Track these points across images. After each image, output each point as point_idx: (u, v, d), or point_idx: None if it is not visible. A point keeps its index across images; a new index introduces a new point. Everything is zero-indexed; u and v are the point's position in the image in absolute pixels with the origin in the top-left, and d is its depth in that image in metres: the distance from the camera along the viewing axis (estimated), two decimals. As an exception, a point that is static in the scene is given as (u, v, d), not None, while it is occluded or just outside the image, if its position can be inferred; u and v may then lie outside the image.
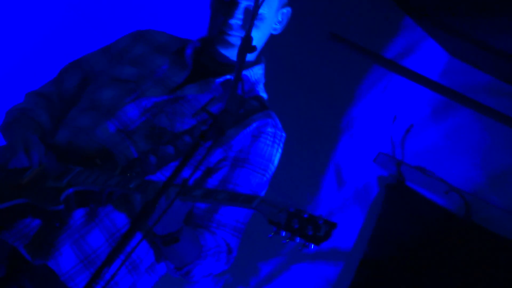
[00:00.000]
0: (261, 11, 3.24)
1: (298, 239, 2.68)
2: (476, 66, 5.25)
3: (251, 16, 2.86)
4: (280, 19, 3.34)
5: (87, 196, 3.03)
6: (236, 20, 3.22)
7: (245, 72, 3.34)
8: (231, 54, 3.28)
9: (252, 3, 3.22)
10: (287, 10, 3.35)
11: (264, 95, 3.41)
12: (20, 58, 4.75)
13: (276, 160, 3.31)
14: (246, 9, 3.24)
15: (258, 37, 3.27)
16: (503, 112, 4.92)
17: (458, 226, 5.23)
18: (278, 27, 3.36)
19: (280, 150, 3.32)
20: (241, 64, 2.81)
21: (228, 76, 3.30)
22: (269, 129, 3.28)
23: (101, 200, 3.05)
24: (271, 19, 3.29)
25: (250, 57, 3.35)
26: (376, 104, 5.38)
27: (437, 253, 5.21)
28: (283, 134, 3.34)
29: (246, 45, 2.83)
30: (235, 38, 3.25)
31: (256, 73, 3.38)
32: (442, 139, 5.35)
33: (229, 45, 3.26)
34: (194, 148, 2.62)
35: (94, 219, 3.09)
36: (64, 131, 3.25)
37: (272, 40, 3.41)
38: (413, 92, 5.31)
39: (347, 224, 5.39)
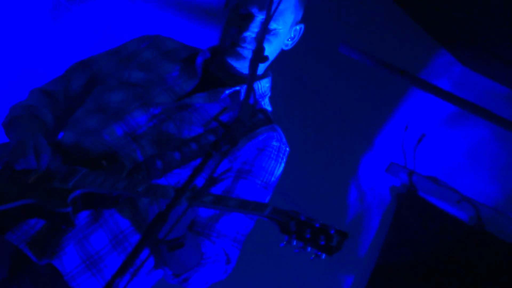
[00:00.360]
0: (276, 26, 3.26)
1: (309, 249, 2.69)
2: (488, 76, 5.25)
3: (264, 28, 2.86)
4: (292, 35, 3.35)
5: (94, 198, 3.02)
6: (251, 33, 3.23)
7: (254, 85, 3.33)
8: (241, 66, 3.28)
9: None
10: (300, 27, 3.36)
11: (268, 108, 3.41)
12: (26, 55, 4.75)
13: (278, 174, 3.31)
14: (261, 23, 3.24)
15: (270, 51, 3.27)
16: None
17: (471, 236, 5.22)
18: (290, 43, 3.36)
19: (283, 164, 3.32)
20: (254, 74, 2.81)
21: (237, 88, 3.30)
22: (274, 143, 3.29)
23: (108, 203, 3.04)
24: (284, 35, 3.30)
25: (258, 70, 3.34)
26: (387, 114, 5.38)
27: (449, 262, 5.21)
28: (287, 149, 3.34)
29: (259, 55, 2.83)
30: (247, 51, 3.25)
31: (263, 86, 3.39)
32: (453, 149, 5.35)
33: (240, 57, 3.26)
34: (207, 158, 2.62)
35: (98, 219, 3.09)
36: (70, 132, 3.25)
37: (287, 53, 3.41)
38: (425, 101, 5.31)
39: (360, 233, 5.38)
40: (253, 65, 2.81)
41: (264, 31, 2.89)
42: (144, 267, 3.17)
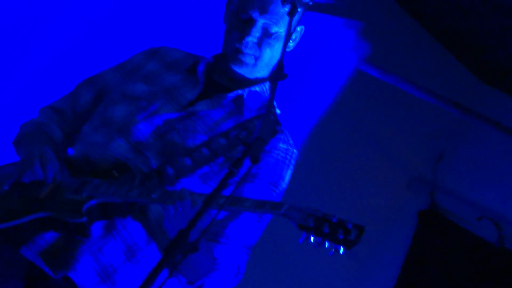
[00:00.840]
0: (277, 29, 3.24)
1: (328, 244, 2.70)
2: (506, 91, 5.25)
3: (284, 43, 2.82)
4: (293, 37, 3.34)
5: (108, 207, 3.02)
6: (252, 38, 3.21)
7: (257, 88, 3.33)
8: (245, 72, 3.27)
9: (269, 22, 3.22)
10: (301, 29, 3.35)
11: (277, 111, 3.38)
12: (35, 72, 4.76)
13: (287, 177, 3.28)
14: (263, 28, 3.24)
15: (272, 55, 3.27)
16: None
17: (491, 253, 5.20)
18: (292, 44, 3.35)
19: (291, 167, 3.29)
20: (274, 92, 2.79)
21: (239, 92, 3.29)
22: (281, 145, 3.26)
23: (123, 212, 3.05)
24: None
25: (263, 73, 3.34)
26: (409, 131, 5.38)
27: (470, 279, 5.19)
28: (294, 151, 3.31)
29: (279, 73, 2.81)
30: (249, 57, 3.24)
31: (268, 88, 3.37)
32: (474, 165, 5.34)
33: (243, 64, 3.25)
34: (229, 176, 2.62)
35: (111, 231, 3.09)
36: (77, 146, 3.26)
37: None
38: (445, 118, 5.30)
39: (381, 251, 5.37)
40: (274, 84, 2.80)
41: (285, 46, 2.86)
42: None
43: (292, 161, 3.30)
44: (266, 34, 3.23)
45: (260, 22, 3.23)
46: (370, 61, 5.16)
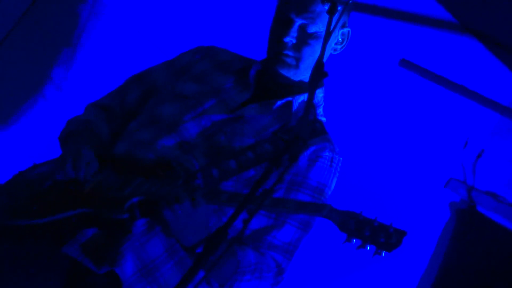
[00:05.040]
0: (316, 29, 3.22)
1: (369, 246, 2.74)
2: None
3: (323, 41, 2.77)
4: (339, 39, 3.32)
5: (150, 205, 3.04)
6: (290, 38, 3.20)
7: (305, 96, 3.32)
8: (291, 74, 3.26)
9: (307, 22, 3.21)
10: (347, 31, 3.33)
11: (323, 119, 3.38)
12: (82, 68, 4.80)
13: (332, 185, 3.29)
14: (300, 27, 3.21)
15: (314, 55, 3.23)
16: None
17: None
18: (338, 47, 3.33)
19: (337, 174, 3.30)
20: (313, 90, 2.75)
21: (289, 98, 3.29)
22: (327, 153, 3.26)
23: (164, 210, 3.04)
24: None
25: (308, 75, 3.27)
26: (447, 130, 5.35)
27: (509, 279, 5.15)
28: (340, 158, 3.30)
29: (318, 71, 2.74)
30: (290, 58, 3.23)
31: (317, 96, 3.36)
32: (513, 164, 5.30)
33: (286, 65, 3.23)
34: (268, 173, 2.62)
35: (154, 228, 3.10)
36: (123, 143, 3.27)
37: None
38: (484, 117, 5.27)
39: (418, 250, 5.35)
40: (313, 81, 2.77)
41: (325, 44, 2.81)
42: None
43: (338, 169, 3.30)
44: (305, 34, 3.22)
45: (298, 22, 3.21)
46: (410, 59, 5.14)
